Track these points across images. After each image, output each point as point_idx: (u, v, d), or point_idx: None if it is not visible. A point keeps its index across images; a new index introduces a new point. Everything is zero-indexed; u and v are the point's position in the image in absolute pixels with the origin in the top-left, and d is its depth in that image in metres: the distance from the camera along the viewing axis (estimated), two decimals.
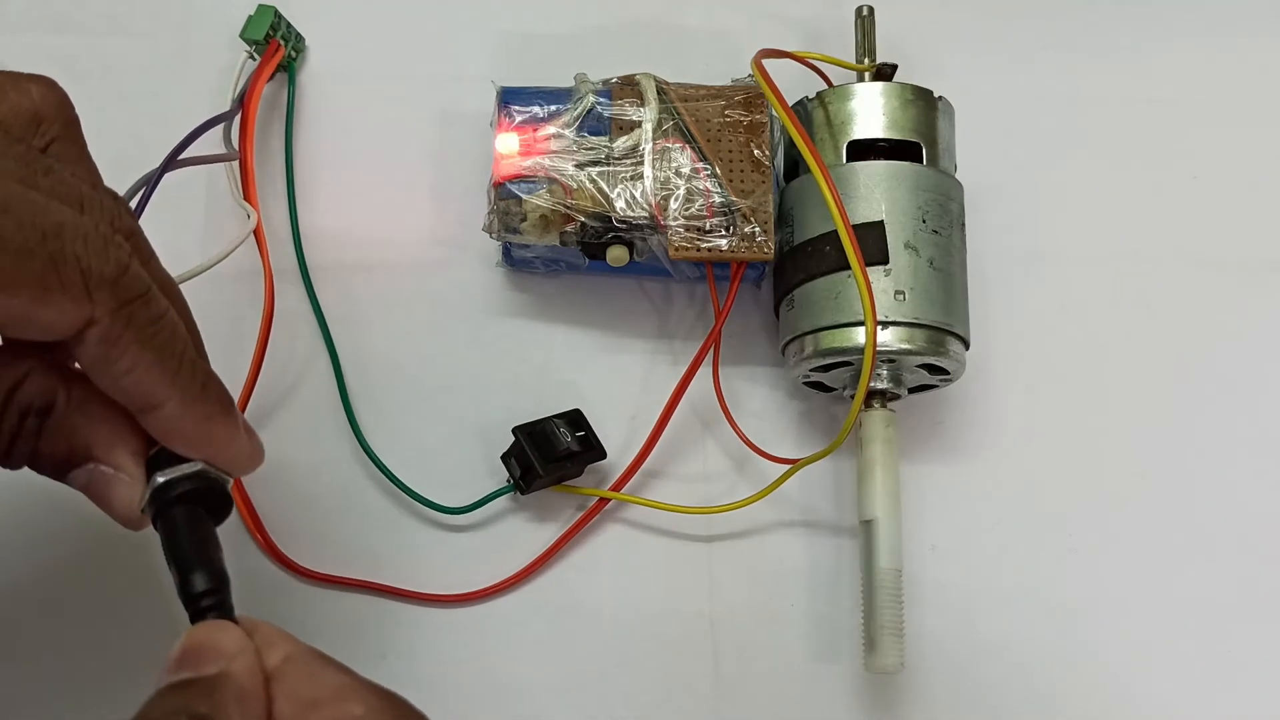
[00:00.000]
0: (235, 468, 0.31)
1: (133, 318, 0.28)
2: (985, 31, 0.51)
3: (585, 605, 0.43)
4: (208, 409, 0.30)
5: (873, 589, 0.40)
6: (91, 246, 0.28)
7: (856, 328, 0.40)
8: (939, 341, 0.41)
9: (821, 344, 0.41)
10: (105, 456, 0.30)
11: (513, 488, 0.43)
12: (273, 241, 0.44)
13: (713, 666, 0.42)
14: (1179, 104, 0.50)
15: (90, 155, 0.31)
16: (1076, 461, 0.45)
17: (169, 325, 0.29)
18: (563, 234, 0.41)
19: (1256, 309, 0.48)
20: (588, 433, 0.43)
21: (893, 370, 0.42)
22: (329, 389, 0.44)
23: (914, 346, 0.40)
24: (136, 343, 0.28)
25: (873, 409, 0.42)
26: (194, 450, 0.30)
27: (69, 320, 0.27)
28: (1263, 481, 0.46)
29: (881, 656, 0.39)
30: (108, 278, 0.28)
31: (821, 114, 0.43)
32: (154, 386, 0.29)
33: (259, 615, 0.37)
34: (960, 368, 0.42)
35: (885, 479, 0.41)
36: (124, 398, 0.29)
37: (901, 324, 0.40)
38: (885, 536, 0.41)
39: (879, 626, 0.40)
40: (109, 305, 0.28)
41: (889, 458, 0.41)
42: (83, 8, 0.48)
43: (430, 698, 0.39)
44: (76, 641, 0.41)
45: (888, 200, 0.41)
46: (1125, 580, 0.44)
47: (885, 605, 0.40)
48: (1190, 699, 0.43)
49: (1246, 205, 0.49)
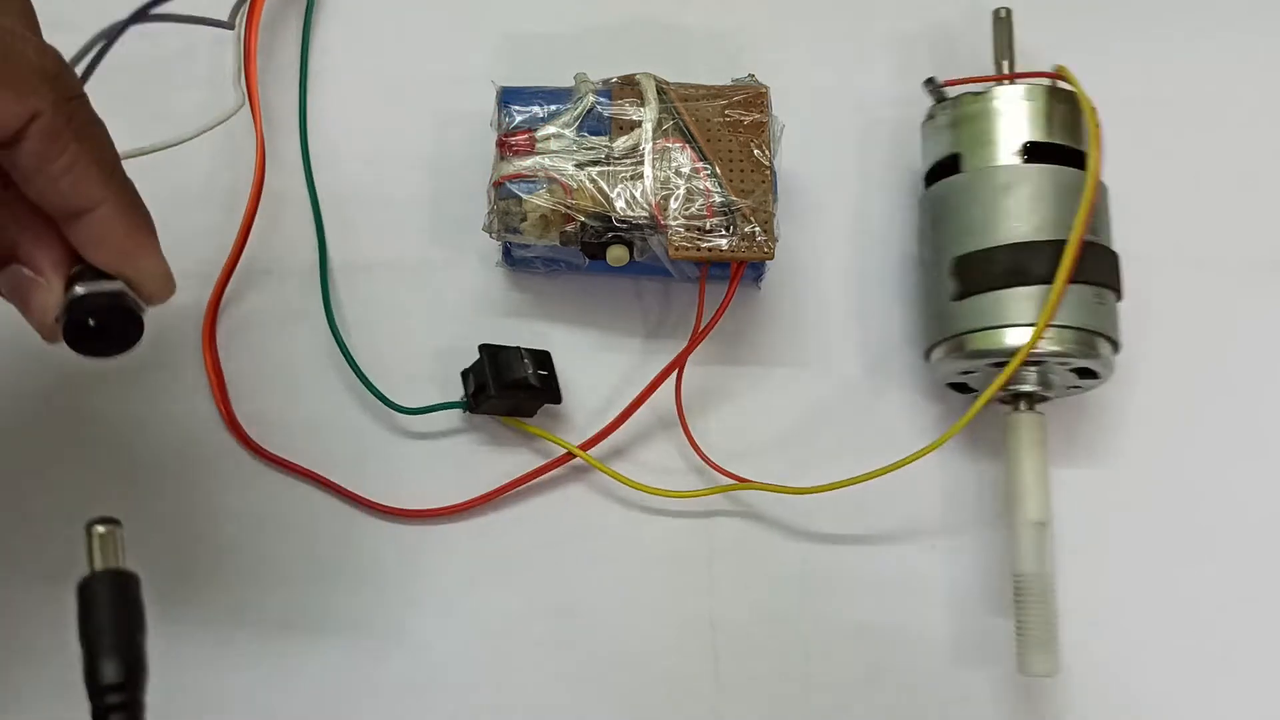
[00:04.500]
0: (154, 289, 0.32)
1: (73, 114, 0.29)
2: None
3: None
4: (136, 219, 0.31)
5: (1024, 594, 0.40)
6: (31, 45, 0.28)
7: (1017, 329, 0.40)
8: (1090, 344, 0.41)
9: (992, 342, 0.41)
10: (28, 260, 0.31)
11: (464, 405, 0.43)
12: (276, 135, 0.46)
13: (713, 666, 0.43)
14: (1179, 104, 0.50)
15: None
16: (1078, 461, 0.46)
17: (104, 130, 0.30)
18: (563, 234, 0.41)
19: (1256, 309, 0.48)
20: (550, 373, 0.43)
21: (1041, 372, 0.42)
22: (313, 280, 0.45)
23: (1083, 351, 0.41)
24: (75, 140, 0.29)
25: (1020, 411, 0.42)
26: (119, 261, 0.31)
27: (14, 113, 0.28)
28: (1263, 481, 0.46)
29: (1034, 661, 0.39)
30: (50, 72, 0.28)
31: (977, 108, 0.43)
32: (90, 186, 0.30)
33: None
34: (1109, 370, 0.42)
35: (1035, 482, 0.41)
36: (59, 199, 0.30)
37: (1076, 329, 0.41)
38: (1034, 541, 0.41)
39: (1032, 632, 0.40)
40: (51, 99, 0.28)
41: (1039, 460, 0.41)
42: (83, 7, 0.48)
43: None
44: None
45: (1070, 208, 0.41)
46: (1125, 581, 0.44)
47: (1035, 609, 0.40)
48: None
49: (1246, 205, 0.49)
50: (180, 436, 0.43)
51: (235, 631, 0.42)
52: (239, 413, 0.43)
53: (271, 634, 0.42)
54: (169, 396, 0.44)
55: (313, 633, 0.42)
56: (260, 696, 0.41)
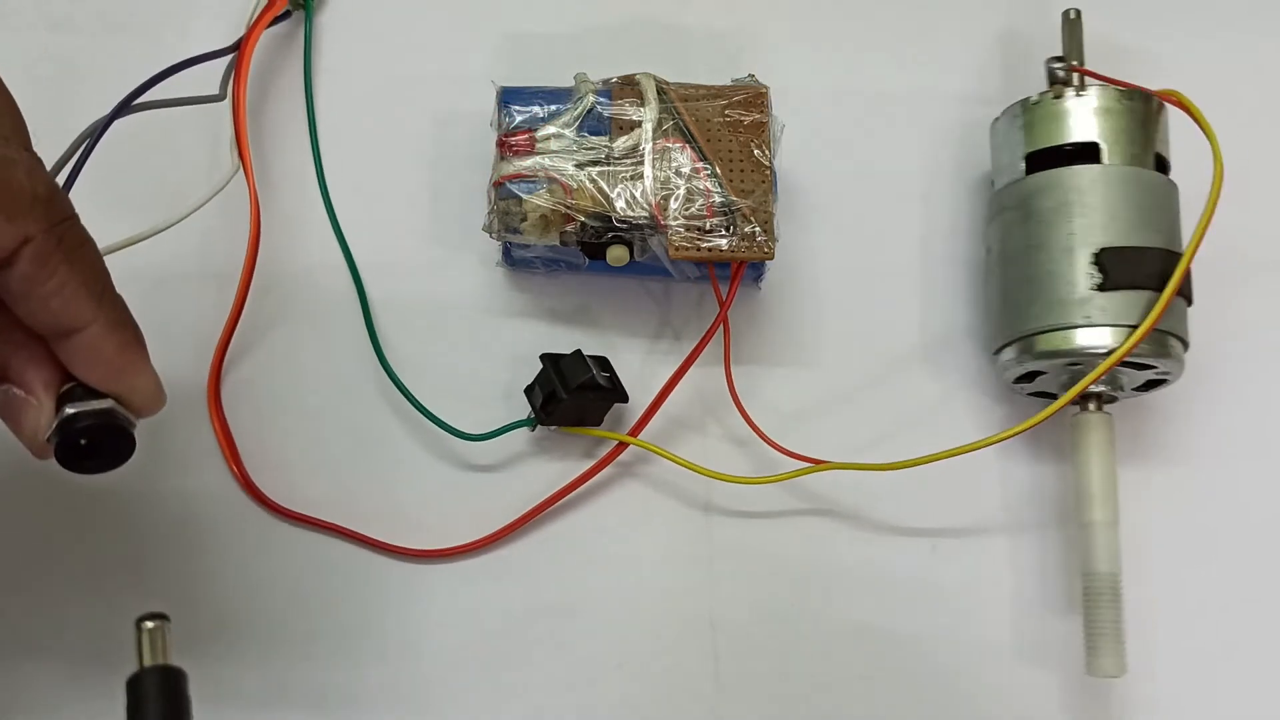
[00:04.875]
0: (144, 404, 0.32)
1: (63, 238, 0.29)
2: None
3: (573, 584, 0.43)
4: (125, 336, 0.31)
5: (1093, 594, 0.40)
6: (22, 168, 0.29)
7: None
8: (1164, 345, 0.41)
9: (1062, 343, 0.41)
10: (19, 379, 0.31)
11: (532, 421, 0.42)
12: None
13: (713, 666, 0.43)
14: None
15: (14, 110, 0.31)
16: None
17: (94, 250, 0.31)
18: (563, 234, 0.41)
19: (1256, 309, 0.48)
20: (613, 375, 0.43)
21: (1118, 376, 0.42)
22: (345, 322, 0.45)
23: (1156, 352, 0.41)
24: (66, 262, 0.29)
25: (1088, 411, 0.42)
26: (110, 378, 0.31)
27: (5, 239, 0.28)
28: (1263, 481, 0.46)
29: (1102, 661, 0.40)
30: (41, 197, 0.29)
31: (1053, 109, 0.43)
32: (80, 307, 0.30)
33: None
34: (1180, 369, 0.42)
35: (1104, 482, 0.41)
36: (49, 319, 0.30)
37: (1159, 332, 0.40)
38: (1104, 541, 0.41)
39: (1099, 631, 0.40)
40: (42, 224, 0.29)
41: (1107, 460, 0.41)
42: (82, 7, 0.48)
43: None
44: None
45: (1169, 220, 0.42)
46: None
47: (1105, 610, 0.40)
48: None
49: (1247, 205, 0.49)
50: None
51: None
52: (256, 474, 0.43)
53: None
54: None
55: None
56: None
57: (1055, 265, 0.41)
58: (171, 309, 0.33)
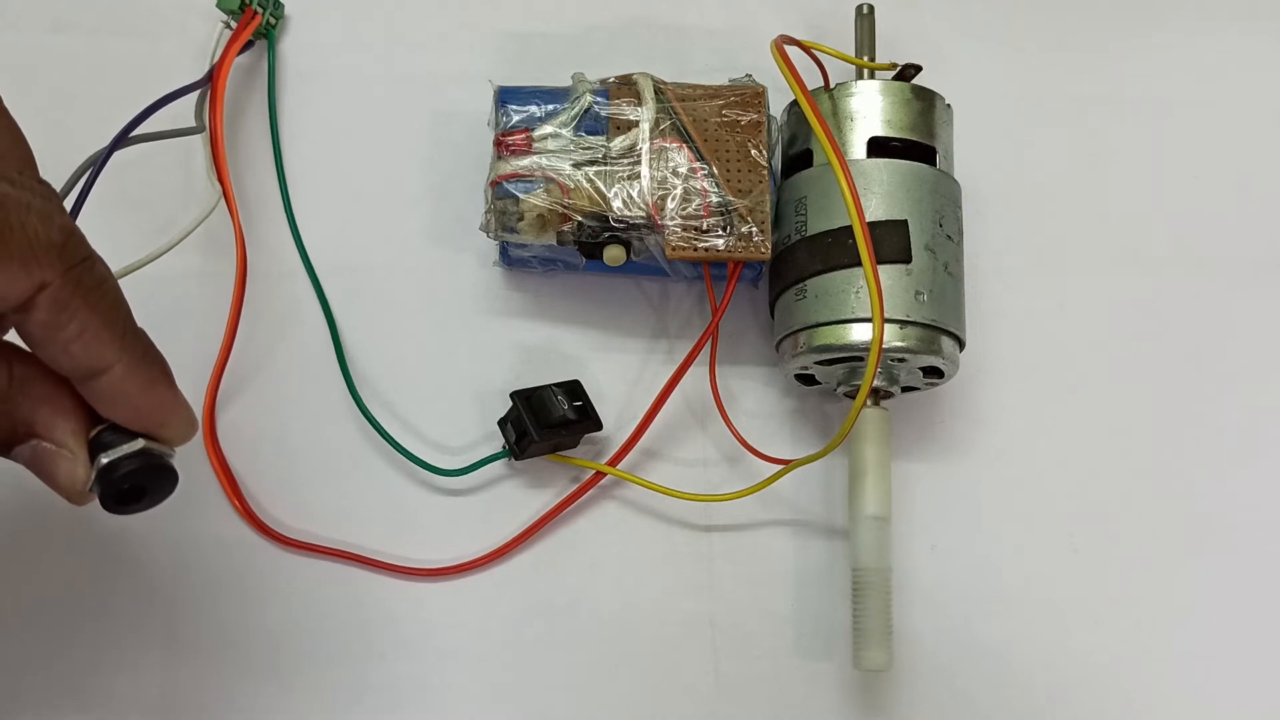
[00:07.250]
0: (176, 435, 0.32)
1: (80, 281, 0.28)
2: (984, 31, 0.51)
3: (573, 585, 0.43)
4: (151, 373, 0.30)
5: (862, 588, 0.40)
6: (35, 213, 0.28)
7: (866, 324, 0.40)
8: (944, 344, 0.41)
9: (829, 338, 0.41)
10: (47, 434, 0.30)
11: (507, 453, 0.43)
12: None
13: (713, 665, 0.43)
14: (1179, 104, 0.50)
15: (22, 142, 0.31)
16: (1077, 461, 0.46)
17: (113, 288, 0.30)
18: (560, 233, 0.41)
19: (1256, 309, 0.48)
20: (585, 403, 0.43)
21: (892, 369, 0.42)
22: (323, 355, 0.44)
23: (926, 348, 0.40)
24: (85, 306, 0.29)
25: (866, 407, 0.42)
26: (139, 417, 0.31)
27: (21, 287, 0.28)
28: (1262, 482, 0.46)
29: (870, 655, 0.40)
30: (55, 242, 0.28)
31: (830, 106, 0.43)
32: (102, 349, 0.29)
33: (241, 583, 0.41)
34: (955, 370, 0.42)
35: (876, 478, 0.41)
36: (71, 364, 0.29)
37: (919, 325, 0.40)
38: (876, 536, 0.41)
39: (868, 625, 0.40)
40: (58, 269, 0.28)
41: (881, 456, 0.41)
42: (82, 7, 0.48)
43: (414, 671, 0.41)
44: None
45: (910, 201, 0.41)
46: (1127, 580, 0.44)
47: (874, 604, 0.40)
48: (1191, 699, 0.43)
49: (1246, 205, 0.49)
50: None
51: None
52: (259, 506, 0.43)
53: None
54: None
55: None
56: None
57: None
58: (159, 344, 0.33)
